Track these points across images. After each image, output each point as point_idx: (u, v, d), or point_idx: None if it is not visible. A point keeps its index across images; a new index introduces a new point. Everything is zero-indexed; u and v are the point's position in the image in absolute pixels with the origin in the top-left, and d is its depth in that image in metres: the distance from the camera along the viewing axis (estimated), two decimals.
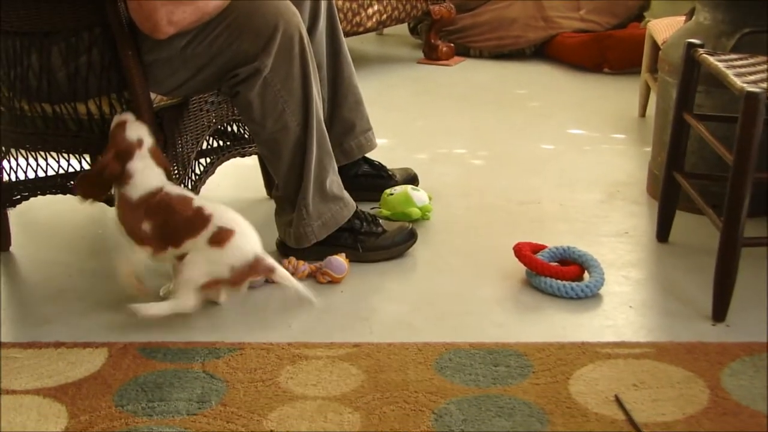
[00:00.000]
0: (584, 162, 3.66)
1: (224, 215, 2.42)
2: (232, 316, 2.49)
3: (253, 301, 2.57)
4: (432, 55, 5.49)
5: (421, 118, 4.28)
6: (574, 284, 2.56)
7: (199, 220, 2.39)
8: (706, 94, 2.92)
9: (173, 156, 2.66)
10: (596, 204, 3.22)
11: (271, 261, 2.43)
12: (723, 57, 2.63)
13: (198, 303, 2.40)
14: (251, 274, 2.41)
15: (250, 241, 2.44)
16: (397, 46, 6.02)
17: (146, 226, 2.39)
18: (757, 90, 2.26)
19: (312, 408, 2.07)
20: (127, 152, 2.40)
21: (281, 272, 2.44)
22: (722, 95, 2.88)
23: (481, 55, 5.60)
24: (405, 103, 4.56)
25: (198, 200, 2.44)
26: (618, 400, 2.07)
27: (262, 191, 3.27)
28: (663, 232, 2.89)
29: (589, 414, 2.03)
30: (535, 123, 4.18)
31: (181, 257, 2.38)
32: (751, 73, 2.48)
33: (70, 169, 2.87)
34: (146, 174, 2.42)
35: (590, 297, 2.55)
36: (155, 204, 2.40)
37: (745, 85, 2.32)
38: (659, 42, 3.78)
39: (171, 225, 2.39)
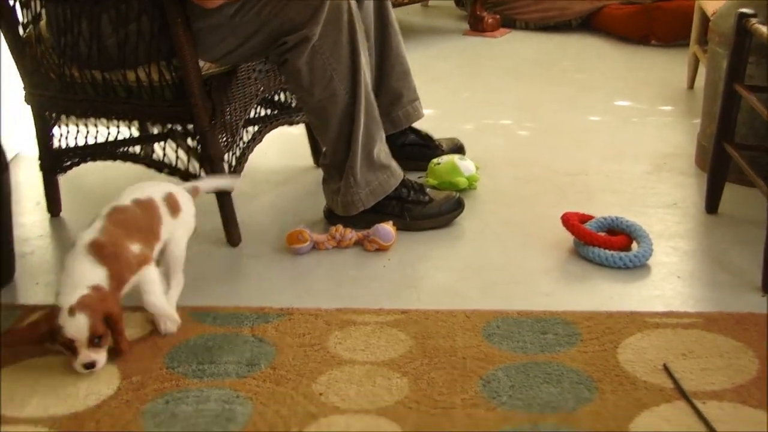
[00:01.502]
0: (631, 134, 3.64)
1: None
2: (280, 281, 2.51)
3: (300, 268, 2.58)
4: (477, 27, 5.47)
5: (467, 90, 4.27)
6: (622, 254, 2.55)
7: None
8: (757, 65, 2.89)
9: (222, 124, 2.67)
10: (643, 175, 3.20)
11: None
12: None
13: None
14: None
15: None
16: (442, 17, 6.01)
17: None
18: None
19: (360, 372, 2.08)
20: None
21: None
22: None
23: (527, 26, 5.58)
24: (451, 75, 4.56)
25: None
26: (667, 369, 2.06)
27: (309, 160, 3.28)
28: (712, 204, 2.87)
29: (637, 382, 2.02)
30: (582, 95, 4.16)
31: None
32: None
33: (120, 136, 2.90)
34: None
35: (638, 267, 2.54)
36: None
37: None
38: (709, 13, 3.74)
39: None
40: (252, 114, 2.99)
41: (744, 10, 2.70)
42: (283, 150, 3.43)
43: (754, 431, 1.86)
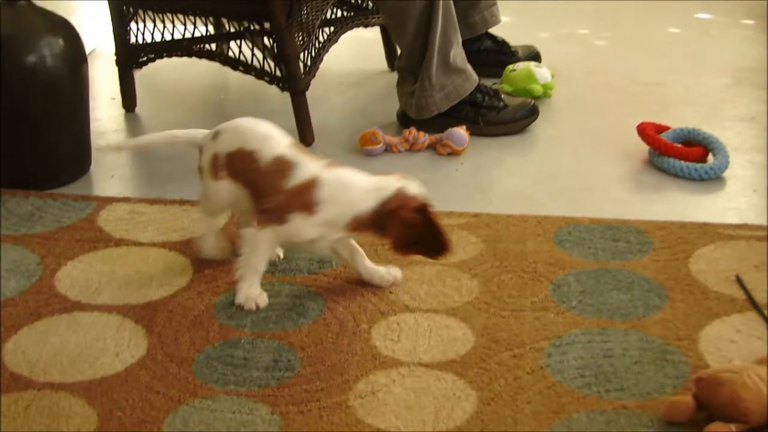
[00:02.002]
0: (711, 46, 3.57)
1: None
2: None
3: (372, 169, 2.54)
4: None
5: None
6: (697, 165, 2.52)
7: None
8: None
9: (298, 23, 2.66)
10: (722, 88, 3.14)
11: None
12: None
13: None
14: None
15: None
16: None
17: None
18: None
19: (431, 273, 2.09)
20: None
21: None
22: None
23: None
24: None
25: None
26: (739, 280, 2.05)
27: (383, 63, 3.26)
28: None
29: (708, 292, 2.01)
30: (662, 6, 4.07)
31: None
32: None
33: (196, 33, 2.90)
34: None
35: (713, 179, 2.51)
36: None
37: None
38: None
39: None
40: (328, 15, 2.97)
41: None
42: (358, 53, 3.41)
43: None
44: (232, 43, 2.88)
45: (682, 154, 2.56)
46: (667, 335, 1.87)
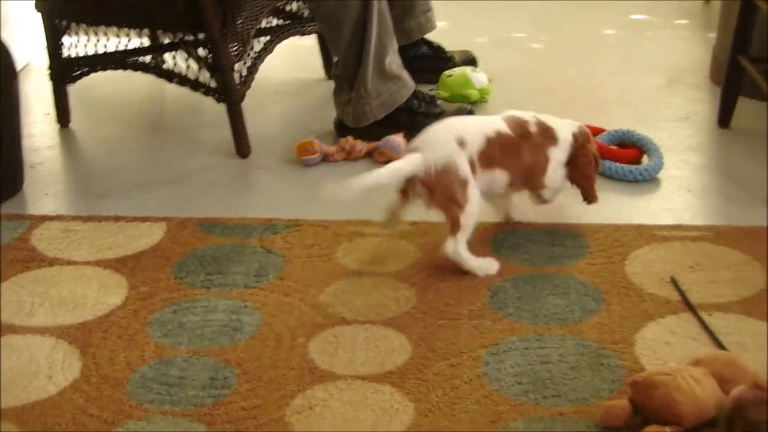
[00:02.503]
0: (646, 47, 3.60)
1: None
2: (288, 193, 2.51)
3: (309, 179, 2.58)
4: None
5: (481, 2, 4.21)
6: (632, 167, 2.54)
7: None
8: None
9: (233, 33, 2.65)
10: (657, 89, 3.17)
11: None
12: None
13: None
14: None
15: None
16: None
17: None
18: None
19: (368, 283, 2.09)
20: None
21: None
22: None
23: None
24: None
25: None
26: (673, 281, 2.07)
27: (320, 72, 3.25)
28: (725, 118, 2.85)
29: (644, 294, 2.03)
30: (597, 8, 4.10)
31: None
32: None
33: (130, 46, 2.88)
34: None
35: (648, 180, 2.53)
36: None
37: None
38: None
39: None
40: (263, 24, 2.95)
41: None
42: (294, 61, 3.40)
43: (758, 343, 1.86)
44: (167, 55, 2.86)
45: (616, 156, 2.57)
46: (603, 339, 1.88)
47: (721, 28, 3.16)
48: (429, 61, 3.17)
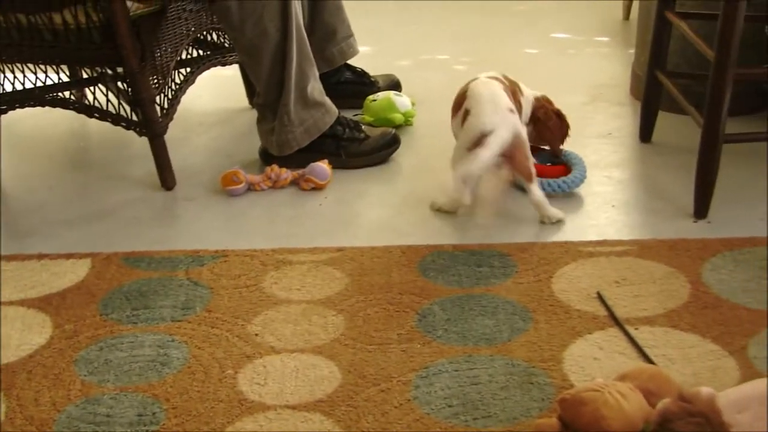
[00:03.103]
0: (568, 65, 3.64)
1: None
2: (214, 224, 2.49)
3: (235, 209, 2.56)
4: None
5: (404, 25, 4.23)
6: (551, 180, 2.55)
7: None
8: None
9: (152, 66, 2.63)
10: (580, 106, 3.20)
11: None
12: None
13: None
14: None
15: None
16: None
17: None
18: None
19: (296, 311, 2.08)
20: None
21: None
22: None
23: None
24: (387, 10, 4.50)
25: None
26: (600, 297, 2.08)
27: (243, 101, 3.24)
28: (646, 133, 2.88)
29: (571, 311, 2.04)
30: (519, 28, 4.14)
31: None
32: None
33: (48, 82, 2.84)
34: None
35: (572, 197, 2.55)
36: None
37: None
38: None
39: None
40: (184, 55, 2.94)
41: None
42: (217, 91, 3.39)
43: (684, 354, 1.88)
44: (88, 90, 2.83)
45: (540, 172, 2.59)
46: (532, 358, 1.89)
47: (639, 45, 3.20)
48: (353, 87, 3.17)
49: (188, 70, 2.90)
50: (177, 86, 2.81)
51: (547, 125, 2.65)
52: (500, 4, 4.52)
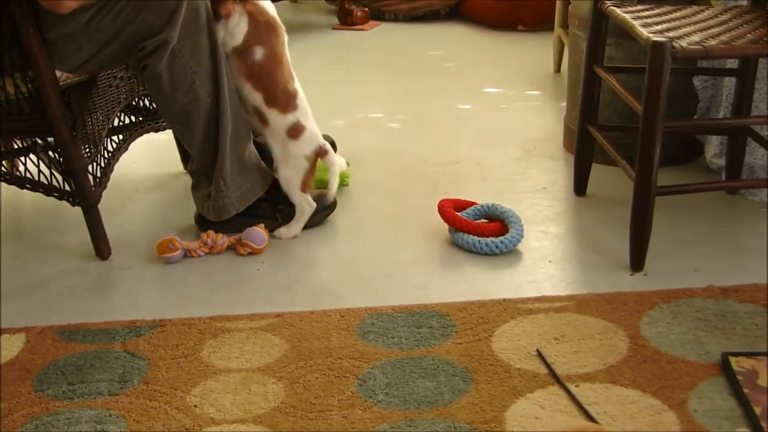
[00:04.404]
0: (501, 120, 3.67)
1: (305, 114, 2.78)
2: (151, 293, 2.46)
3: (171, 277, 2.54)
4: (347, 21, 5.46)
5: (338, 85, 4.25)
6: (489, 240, 2.56)
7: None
8: (616, 46, 2.94)
9: (83, 135, 2.61)
10: (514, 161, 3.23)
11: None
12: (630, 8, 2.64)
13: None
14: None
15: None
16: (311, 12, 5.99)
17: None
18: (663, 39, 2.27)
19: (236, 380, 2.06)
20: None
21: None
22: (632, 46, 2.91)
23: (396, 18, 5.60)
24: (321, 70, 4.54)
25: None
26: (540, 355, 2.08)
27: (178, 165, 3.22)
28: (580, 186, 2.91)
29: (512, 370, 2.04)
30: (452, 84, 4.18)
31: None
32: (657, 23, 2.49)
33: None
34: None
35: (509, 253, 2.56)
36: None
37: (651, 35, 2.33)
38: None
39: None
40: (116, 122, 2.92)
41: None
42: (151, 156, 3.37)
43: (625, 410, 1.89)
44: (19, 160, 2.79)
45: (476, 230, 2.60)
46: (474, 419, 1.88)
47: (570, 99, 3.24)
48: None
49: (121, 137, 2.88)
50: (110, 154, 2.79)
51: None
52: (431, 61, 4.58)
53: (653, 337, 2.13)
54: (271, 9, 2.71)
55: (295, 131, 2.72)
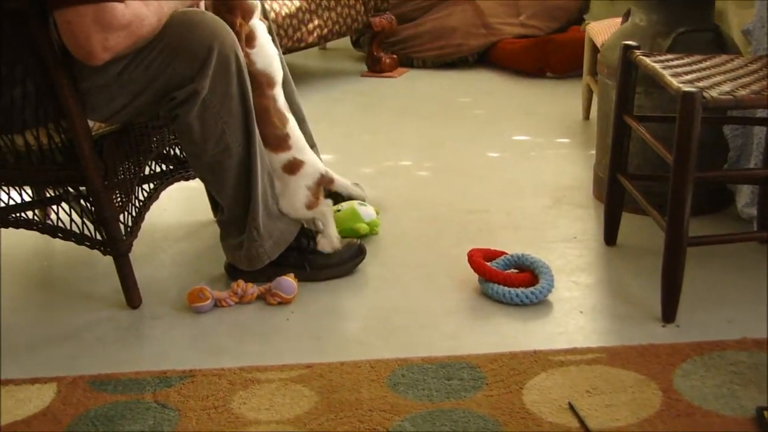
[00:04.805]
0: (530, 168, 3.67)
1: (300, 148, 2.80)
2: (181, 342, 2.47)
3: (202, 327, 2.54)
4: (375, 68, 5.49)
5: (367, 132, 4.27)
6: (519, 290, 2.56)
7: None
8: (645, 95, 2.93)
9: (115, 184, 2.63)
10: (543, 210, 3.22)
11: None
12: (659, 57, 2.65)
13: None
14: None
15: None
16: (340, 59, 6.03)
17: None
18: (693, 89, 2.27)
19: None
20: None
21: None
22: (661, 95, 2.91)
23: (425, 65, 5.62)
24: (350, 117, 4.56)
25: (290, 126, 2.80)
26: (571, 408, 2.07)
27: (208, 213, 3.23)
28: (610, 235, 2.90)
29: (543, 423, 2.02)
30: (481, 131, 4.19)
31: None
32: (687, 73, 2.49)
33: (11, 202, 2.83)
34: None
35: (540, 303, 2.55)
36: None
37: (681, 85, 2.33)
38: (598, 44, 3.80)
39: None
40: (147, 171, 2.94)
41: (628, 42, 2.73)
42: (182, 205, 3.39)
43: None
44: (51, 209, 2.82)
45: (506, 280, 2.60)
46: None
47: (599, 147, 3.24)
48: None
49: (152, 186, 2.90)
50: (141, 203, 2.80)
51: None
52: (460, 109, 4.59)
53: (687, 390, 2.11)
54: (264, 57, 2.74)
55: (292, 167, 2.75)
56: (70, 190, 2.67)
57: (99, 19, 2.32)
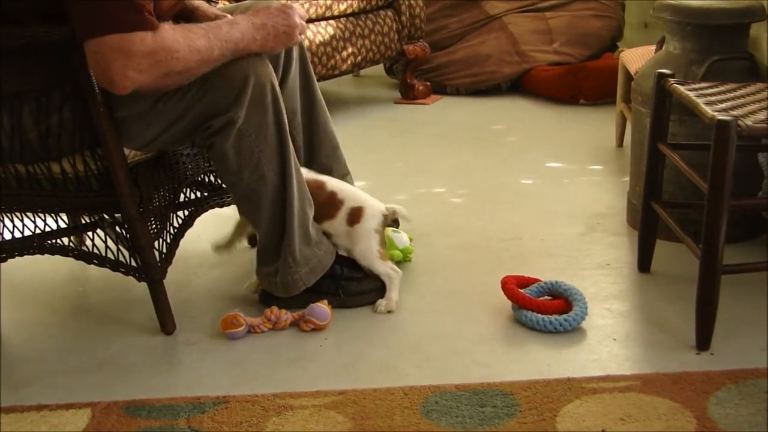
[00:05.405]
0: (563, 195, 3.67)
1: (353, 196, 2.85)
2: (215, 368, 2.48)
3: (235, 353, 2.55)
4: (409, 95, 5.51)
5: (400, 159, 4.28)
6: (553, 318, 2.55)
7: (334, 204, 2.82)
8: (679, 122, 2.93)
9: (150, 211, 2.65)
10: (577, 237, 3.22)
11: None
12: (693, 86, 2.64)
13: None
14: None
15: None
16: (373, 87, 6.05)
17: None
18: (727, 118, 2.26)
19: None
20: None
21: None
22: (695, 123, 2.90)
23: (458, 92, 5.63)
24: (383, 144, 4.57)
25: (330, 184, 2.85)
26: None
27: (242, 240, 3.25)
28: (644, 263, 2.89)
29: None
30: (514, 158, 4.19)
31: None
32: (721, 101, 2.49)
33: (47, 229, 2.86)
34: None
35: (573, 330, 2.55)
36: None
37: (715, 113, 2.33)
38: (632, 72, 3.80)
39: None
40: (182, 198, 2.96)
41: (662, 70, 2.73)
42: (216, 231, 3.39)
43: None
44: (87, 235, 2.84)
45: (540, 307, 2.59)
46: None
47: (633, 174, 3.23)
48: None
49: (186, 213, 2.92)
50: (175, 230, 2.83)
51: None
52: (493, 135, 4.60)
53: (721, 418, 2.10)
54: None
55: (354, 217, 2.79)
56: (106, 216, 2.70)
57: (119, 47, 2.33)
